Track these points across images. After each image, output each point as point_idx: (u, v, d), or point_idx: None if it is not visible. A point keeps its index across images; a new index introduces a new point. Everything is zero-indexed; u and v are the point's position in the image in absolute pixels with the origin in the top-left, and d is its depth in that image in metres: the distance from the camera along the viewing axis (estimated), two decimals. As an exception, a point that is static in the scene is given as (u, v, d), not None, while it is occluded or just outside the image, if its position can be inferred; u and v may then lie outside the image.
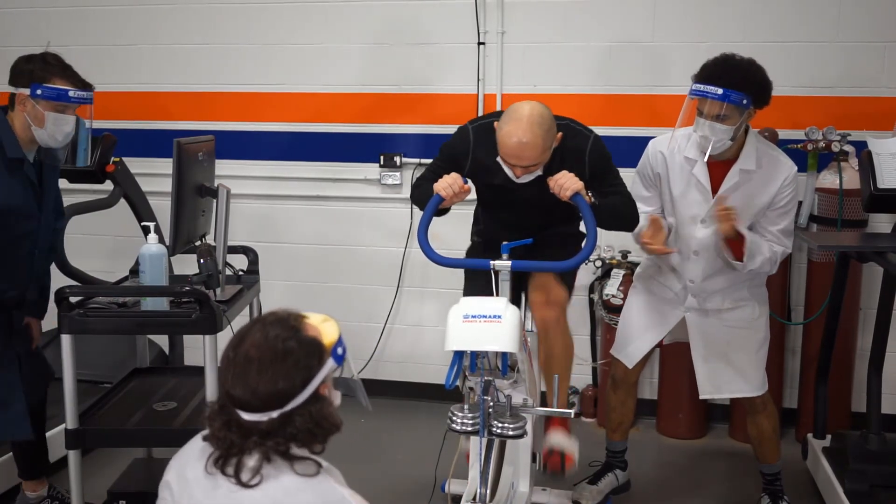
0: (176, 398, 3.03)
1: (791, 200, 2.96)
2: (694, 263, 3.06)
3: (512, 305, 2.45)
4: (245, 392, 1.58)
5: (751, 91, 2.77)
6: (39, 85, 2.69)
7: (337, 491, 1.60)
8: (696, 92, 2.81)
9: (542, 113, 2.62)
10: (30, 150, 2.79)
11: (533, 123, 2.59)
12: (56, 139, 2.77)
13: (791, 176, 2.93)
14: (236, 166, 4.31)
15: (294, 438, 1.61)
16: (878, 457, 3.22)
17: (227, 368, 1.61)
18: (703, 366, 3.16)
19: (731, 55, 2.83)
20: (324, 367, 1.64)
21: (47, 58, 2.74)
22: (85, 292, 2.93)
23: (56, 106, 2.72)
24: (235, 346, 1.62)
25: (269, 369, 1.58)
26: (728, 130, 2.80)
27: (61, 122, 2.75)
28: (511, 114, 2.63)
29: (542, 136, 2.60)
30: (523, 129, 2.59)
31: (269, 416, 1.59)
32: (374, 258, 4.37)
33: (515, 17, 4.06)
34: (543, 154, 2.65)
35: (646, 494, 3.50)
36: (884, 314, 3.33)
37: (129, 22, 4.40)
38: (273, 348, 1.59)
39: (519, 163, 2.66)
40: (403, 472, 3.62)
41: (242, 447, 1.60)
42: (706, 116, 2.81)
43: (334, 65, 4.25)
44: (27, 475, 3.16)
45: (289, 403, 1.59)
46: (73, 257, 3.72)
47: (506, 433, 2.44)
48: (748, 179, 2.92)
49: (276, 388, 1.58)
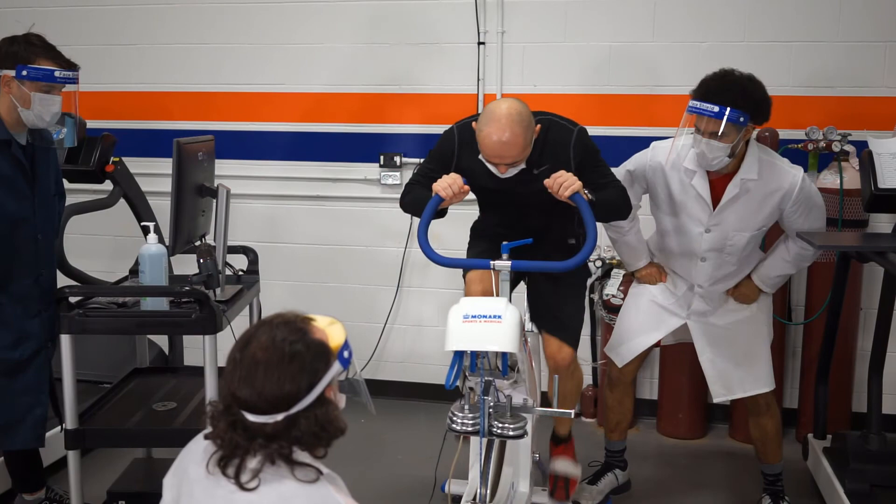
0: (176, 398, 3.03)
1: (805, 205, 2.95)
2: (701, 269, 3.06)
3: (512, 305, 2.45)
4: (251, 394, 1.58)
5: (748, 108, 2.76)
6: (24, 66, 2.69)
7: (333, 498, 1.60)
8: (693, 109, 2.80)
9: (519, 110, 2.64)
10: (19, 132, 2.77)
11: (512, 122, 2.61)
12: (43, 119, 2.76)
13: (798, 184, 2.90)
14: (236, 166, 4.31)
15: (299, 441, 1.60)
16: (879, 457, 3.22)
17: (234, 370, 1.61)
18: (712, 369, 3.16)
19: (730, 71, 2.82)
20: (330, 371, 1.63)
21: (31, 39, 2.74)
22: (84, 292, 2.94)
23: (42, 86, 2.71)
24: (242, 348, 1.62)
25: (275, 371, 1.57)
26: (725, 148, 2.79)
27: (48, 103, 2.74)
28: (489, 114, 2.65)
29: (521, 134, 2.63)
30: (502, 128, 2.61)
31: (274, 419, 1.58)
32: (374, 258, 4.37)
33: (515, 17, 4.06)
34: (525, 150, 2.68)
35: (646, 494, 3.49)
36: (884, 314, 3.33)
37: (129, 22, 4.39)
38: (280, 351, 1.59)
39: (502, 161, 2.69)
40: (403, 472, 3.62)
41: (247, 449, 1.59)
42: (703, 134, 2.80)
43: (334, 64, 4.25)
44: (24, 488, 3.11)
45: (294, 406, 1.59)
46: (73, 257, 3.72)
47: (506, 433, 2.44)
48: (748, 190, 2.92)
49: (283, 390, 1.57)
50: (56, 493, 3.17)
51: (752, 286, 3.11)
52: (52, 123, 2.81)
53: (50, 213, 2.92)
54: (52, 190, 2.93)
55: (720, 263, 3.04)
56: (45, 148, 2.90)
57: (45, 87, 2.72)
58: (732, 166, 2.90)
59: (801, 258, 3.07)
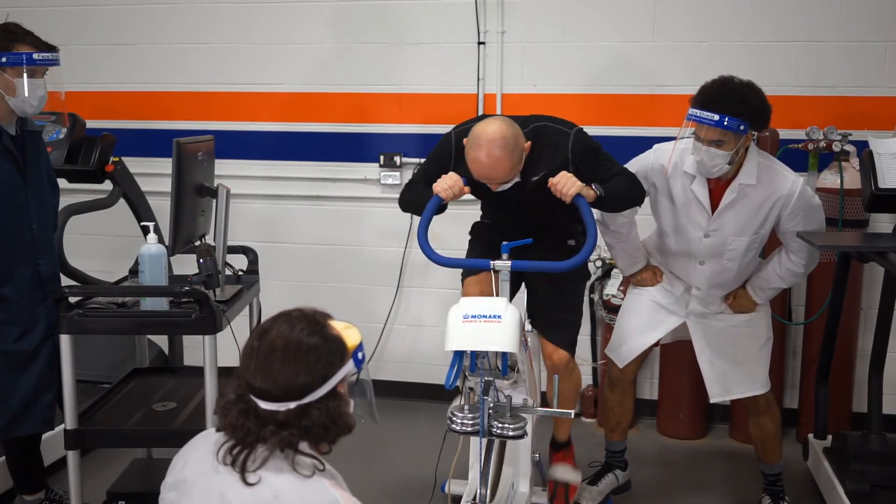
0: (175, 398, 3.03)
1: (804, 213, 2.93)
2: (700, 273, 3.06)
3: (512, 305, 2.45)
4: (266, 381, 1.61)
5: (748, 116, 2.74)
6: (4, 53, 2.72)
7: (329, 492, 1.61)
8: (692, 117, 2.79)
9: (503, 133, 2.63)
10: (8, 122, 2.79)
11: (495, 146, 2.61)
12: (32, 104, 2.78)
13: (796, 191, 2.89)
14: (236, 166, 4.30)
15: (308, 432, 1.63)
16: (879, 457, 3.22)
17: (250, 357, 1.64)
18: (710, 370, 3.16)
19: (730, 78, 2.81)
20: (345, 366, 1.67)
21: (9, 27, 2.77)
22: (84, 292, 2.94)
23: (23, 71, 2.73)
24: (260, 337, 1.65)
25: (292, 361, 1.61)
26: (725, 156, 2.79)
27: (33, 87, 2.76)
28: (475, 138, 2.65)
29: (506, 157, 2.63)
30: (486, 154, 2.62)
31: (286, 407, 1.61)
32: (374, 258, 4.37)
33: (515, 17, 4.06)
34: (513, 170, 2.69)
35: (646, 494, 3.49)
36: (885, 314, 3.33)
37: (129, 22, 4.39)
38: (298, 341, 1.62)
39: (489, 182, 2.71)
40: (403, 472, 3.61)
41: (258, 436, 1.62)
42: (703, 142, 2.80)
43: (334, 64, 4.25)
44: (25, 489, 3.12)
45: (307, 396, 1.62)
46: (73, 257, 3.71)
47: (506, 434, 2.44)
48: (746, 194, 2.92)
49: (298, 379, 1.61)
50: (56, 493, 3.16)
51: (749, 297, 3.11)
52: (39, 108, 2.83)
53: (44, 204, 2.94)
54: (45, 180, 2.95)
55: (720, 269, 3.04)
56: (35, 139, 2.92)
57: (28, 72, 2.74)
58: (732, 171, 2.90)
59: (792, 274, 3.07)
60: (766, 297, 3.13)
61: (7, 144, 2.77)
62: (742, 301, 3.11)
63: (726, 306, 3.12)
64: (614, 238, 3.16)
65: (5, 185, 2.77)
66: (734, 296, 3.11)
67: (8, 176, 2.78)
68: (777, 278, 3.07)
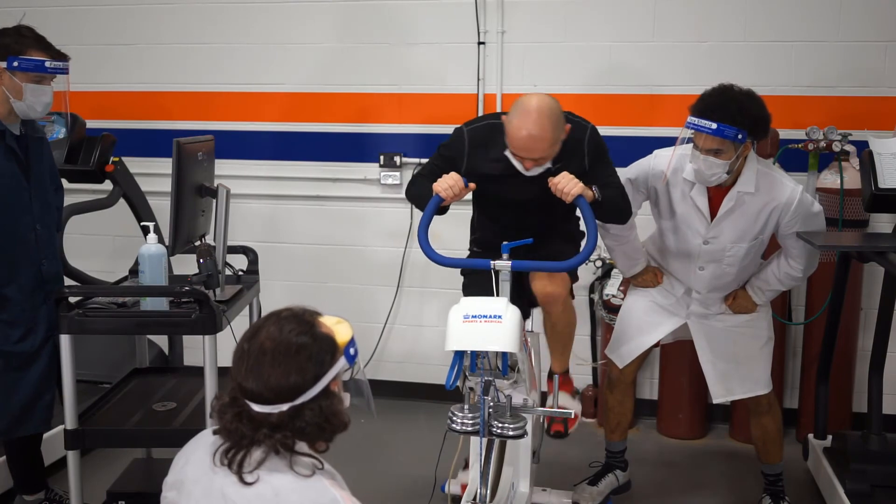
0: (175, 398, 3.03)
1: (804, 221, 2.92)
2: (699, 277, 3.06)
3: (512, 305, 2.45)
4: (257, 383, 1.60)
5: (746, 125, 2.73)
6: (16, 57, 2.71)
7: (329, 492, 1.60)
8: (691, 125, 2.78)
9: (550, 106, 2.61)
10: (12, 123, 2.79)
11: (542, 116, 2.58)
12: (36, 110, 2.79)
13: (796, 199, 2.88)
14: (236, 166, 4.30)
15: (302, 432, 1.62)
16: (879, 457, 3.22)
17: (241, 360, 1.63)
18: (712, 370, 3.16)
19: (729, 86, 2.80)
20: (336, 364, 1.66)
21: (22, 30, 2.76)
22: (84, 292, 2.94)
23: (33, 77, 2.74)
24: (250, 339, 1.65)
25: (282, 362, 1.60)
26: (723, 165, 2.78)
27: (39, 93, 2.77)
28: (520, 107, 2.62)
29: (550, 129, 2.60)
30: (532, 122, 2.57)
31: (279, 409, 1.60)
32: (374, 258, 4.37)
33: (515, 17, 4.06)
34: (553, 147, 2.64)
35: (646, 494, 3.49)
36: (885, 314, 3.33)
37: (129, 22, 4.39)
38: (287, 341, 1.61)
39: (529, 155, 2.65)
40: (403, 472, 3.61)
41: (252, 439, 1.61)
42: (702, 151, 2.79)
43: (334, 64, 4.25)
44: (25, 489, 3.12)
45: (300, 397, 1.61)
46: (73, 257, 3.72)
47: (506, 433, 2.44)
48: (745, 202, 2.91)
49: (289, 380, 1.60)
50: (56, 493, 3.17)
51: (749, 297, 3.11)
52: (43, 114, 2.84)
53: (47, 204, 2.94)
54: (48, 181, 2.95)
55: (719, 274, 3.04)
56: (38, 140, 2.92)
57: (37, 78, 2.75)
58: (730, 179, 2.89)
59: (790, 278, 3.07)
60: (766, 298, 3.12)
61: (11, 144, 2.77)
62: (742, 301, 3.11)
63: (727, 307, 3.12)
64: (614, 240, 3.15)
65: (8, 185, 2.77)
66: (734, 296, 3.11)
67: (11, 176, 2.78)
68: (776, 281, 3.08)
